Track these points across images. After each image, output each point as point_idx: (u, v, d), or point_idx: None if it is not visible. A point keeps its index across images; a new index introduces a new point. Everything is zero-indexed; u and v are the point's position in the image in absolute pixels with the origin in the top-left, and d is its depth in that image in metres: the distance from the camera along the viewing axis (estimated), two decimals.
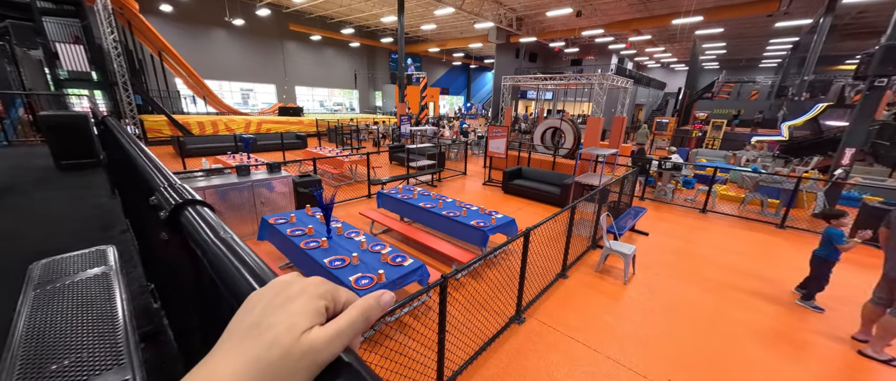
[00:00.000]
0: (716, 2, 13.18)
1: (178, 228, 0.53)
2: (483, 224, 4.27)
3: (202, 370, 0.23)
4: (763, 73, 28.82)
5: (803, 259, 3.93)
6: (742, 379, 2.82)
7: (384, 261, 3.22)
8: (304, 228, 3.81)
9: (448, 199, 5.35)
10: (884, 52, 5.69)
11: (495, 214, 4.70)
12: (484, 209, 4.88)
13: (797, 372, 2.93)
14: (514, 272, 3.42)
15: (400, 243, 5.07)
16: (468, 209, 4.87)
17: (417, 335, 2.89)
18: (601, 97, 9.81)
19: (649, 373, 2.83)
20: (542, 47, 25.07)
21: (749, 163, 11.22)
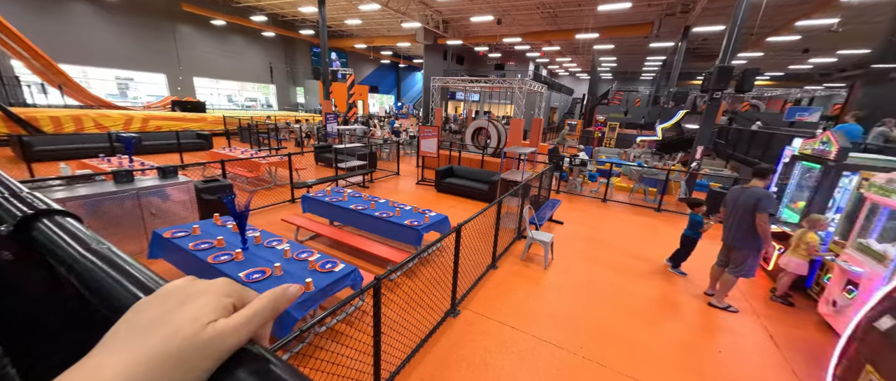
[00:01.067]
0: (607, 22, 15.51)
1: (30, 244, 0.43)
2: (417, 223, 4.31)
3: (82, 367, 0.20)
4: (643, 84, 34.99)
5: (675, 236, 4.91)
6: (637, 337, 3.41)
7: (312, 269, 3.01)
8: (212, 240, 3.33)
9: (381, 200, 5.25)
10: (718, 72, 7.42)
11: (429, 212, 4.77)
12: (418, 208, 4.91)
13: (672, 324, 3.66)
14: (449, 268, 3.53)
15: (330, 249, 4.79)
16: (402, 209, 4.85)
17: (353, 341, 2.79)
18: (521, 100, 10.71)
19: (566, 344, 3.22)
20: (468, 51, 26.22)
21: (635, 159, 13.51)
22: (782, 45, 17.63)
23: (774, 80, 28.28)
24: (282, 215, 5.13)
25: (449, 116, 27.77)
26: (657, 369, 3.01)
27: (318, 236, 5.15)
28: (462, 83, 12.95)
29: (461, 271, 3.63)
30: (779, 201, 5.38)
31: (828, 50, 18.24)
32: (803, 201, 4.91)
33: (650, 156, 14.15)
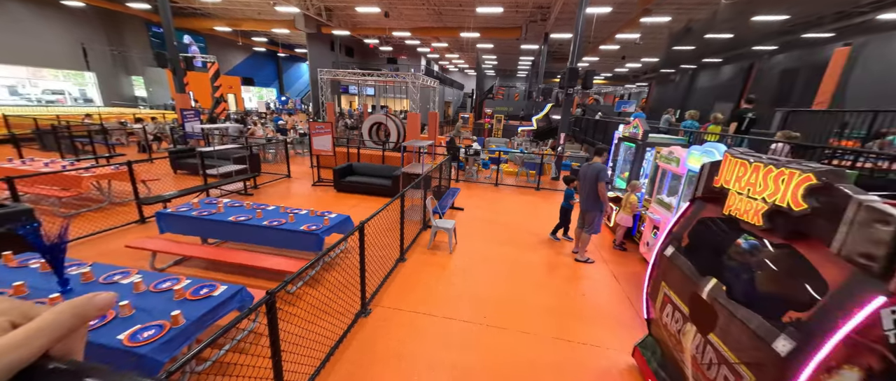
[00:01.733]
0: (485, 24, 17.13)
1: None
2: (316, 227, 3.99)
3: None
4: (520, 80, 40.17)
5: (552, 209, 5.88)
6: (529, 297, 4.00)
7: (180, 299, 2.48)
8: (5, 289, 2.37)
9: (269, 207, 4.64)
10: (568, 72, 9.12)
11: (329, 214, 4.47)
12: (315, 211, 4.54)
13: (552, 281, 4.43)
14: (356, 268, 3.41)
15: (206, 272, 4.00)
16: (297, 215, 4.40)
17: (249, 370, 2.43)
18: (416, 95, 10.94)
19: (473, 318, 3.54)
20: (358, 43, 25.08)
21: (518, 146, 15.52)
22: (609, 52, 22.78)
23: (607, 79, 36.40)
24: (126, 241, 3.99)
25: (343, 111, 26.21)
26: (544, 318, 3.61)
27: (186, 259, 4.23)
28: (354, 77, 12.38)
29: (369, 269, 3.55)
30: (613, 172, 7.04)
31: (636, 57, 24.48)
32: (627, 172, 6.56)
33: (529, 143, 16.47)
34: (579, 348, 3.23)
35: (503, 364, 2.97)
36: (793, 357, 1.48)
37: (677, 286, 2.44)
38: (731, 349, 1.84)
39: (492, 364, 2.96)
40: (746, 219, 1.94)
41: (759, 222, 1.83)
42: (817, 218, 1.56)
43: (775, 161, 1.77)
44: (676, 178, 4.61)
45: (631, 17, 13.60)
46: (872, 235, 1.33)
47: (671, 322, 2.46)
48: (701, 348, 2.08)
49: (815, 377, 1.41)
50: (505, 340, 3.27)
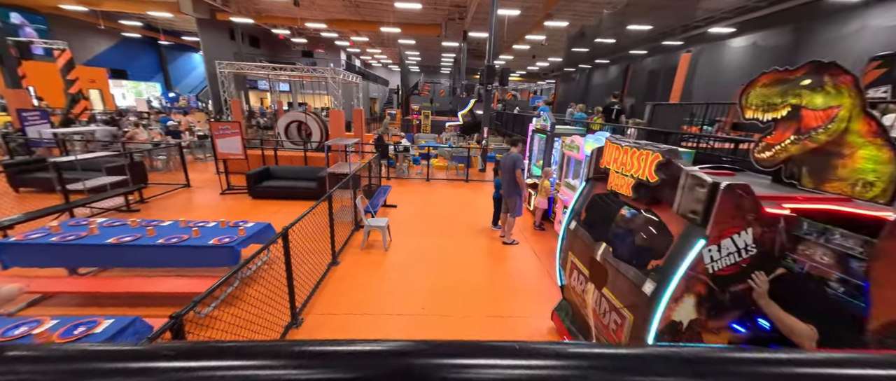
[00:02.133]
0: (405, 19, 17.09)
1: None
2: (229, 239, 3.57)
3: None
4: (444, 76, 41.14)
5: (482, 200, 6.27)
6: (466, 283, 4.24)
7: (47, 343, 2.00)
8: None
9: (164, 223, 3.97)
10: (487, 70, 9.75)
11: (244, 224, 4.03)
12: (227, 222, 4.05)
13: (486, 263, 4.78)
14: (282, 279, 3.18)
15: (83, 308, 3.27)
16: (203, 228, 3.87)
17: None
18: (337, 91, 10.40)
19: (411, 311, 3.63)
20: (265, 33, 22.55)
21: (447, 141, 15.99)
22: (521, 51, 24.89)
23: (522, 76, 39.70)
24: None
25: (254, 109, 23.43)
26: (479, 300, 3.89)
27: (49, 298, 3.37)
28: (263, 71, 11.15)
29: (298, 277, 3.35)
30: (529, 161, 7.81)
31: (544, 57, 27.26)
32: (541, 160, 7.37)
33: (456, 138, 17.09)
34: (509, 321, 3.59)
35: None
36: (655, 295, 1.93)
37: (580, 253, 2.89)
38: (617, 297, 2.29)
39: None
40: (622, 192, 2.42)
41: (629, 193, 2.30)
42: (665, 186, 2.04)
43: (637, 144, 2.25)
44: (578, 163, 5.38)
45: (537, 20, 15.08)
46: (695, 195, 1.81)
47: (577, 285, 2.92)
48: (598, 301, 2.53)
49: (669, 307, 1.87)
50: (444, 326, 3.44)
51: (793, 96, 2.26)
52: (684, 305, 1.86)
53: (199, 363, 0.27)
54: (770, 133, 2.47)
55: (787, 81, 2.28)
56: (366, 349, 0.29)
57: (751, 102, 2.52)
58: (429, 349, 0.29)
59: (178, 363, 0.27)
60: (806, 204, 1.97)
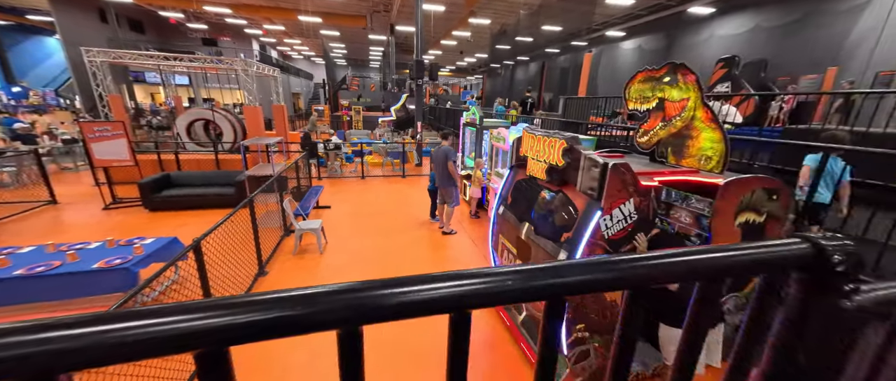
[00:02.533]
0: (326, 9, 16.05)
1: None
2: (122, 260, 3.02)
3: None
4: (374, 70, 39.83)
5: (420, 194, 6.32)
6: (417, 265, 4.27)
7: None
8: None
9: (22, 249, 3.17)
10: (416, 65, 9.78)
11: (141, 240, 3.45)
12: (117, 241, 3.41)
13: (426, 255, 4.89)
14: (197, 298, 2.82)
15: None
16: (84, 250, 3.20)
17: None
18: (251, 85, 9.35)
19: None
20: (151, 16, 18.94)
21: (380, 137, 15.64)
22: (449, 47, 25.44)
23: (452, 71, 40.62)
24: None
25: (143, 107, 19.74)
26: None
27: None
28: (152, 60, 9.42)
29: (217, 293, 3.00)
30: (462, 153, 8.15)
31: (471, 53, 28.30)
32: (473, 152, 7.74)
33: (391, 133, 16.82)
34: None
35: (385, 349, 3.15)
36: None
37: (508, 235, 3.18)
38: None
39: (376, 350, 3.10)
40: (538, 176, 2.72)
41: (543, 177, 2.60)
42: (570, 169, 2.37)
43: (547, 133, 2.55)
44: (505, 153, 5.80)
45: (461, 17, 15.56)
46: (591, 175, 2.15)
47: (508, 263, 3.20)
48: None
49: None
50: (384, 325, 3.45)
51: (659, 91, 2.80)
52: None
53: (155, 319, 0.29)
54: (646, 121, 3.03)
55: (655, 79, 2.82)
56: (319, 290, 0.34)
57: (631, 96, 3.05)
58: (375, 285, 0.34)
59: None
60: (670, 176, 2.48)
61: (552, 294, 0.39)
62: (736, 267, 0.41)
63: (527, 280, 0.37)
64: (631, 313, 0.44)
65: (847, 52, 9.31)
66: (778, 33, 10.88)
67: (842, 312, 0.38)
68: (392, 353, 3.01)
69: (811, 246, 0.38)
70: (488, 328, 3.36)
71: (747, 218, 2.37)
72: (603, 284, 0.40)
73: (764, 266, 0.41)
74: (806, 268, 0.39)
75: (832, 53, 9.52)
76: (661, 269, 0.40)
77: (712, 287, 0.44)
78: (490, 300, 0.37)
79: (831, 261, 0.37)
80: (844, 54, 9.36)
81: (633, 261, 0.41)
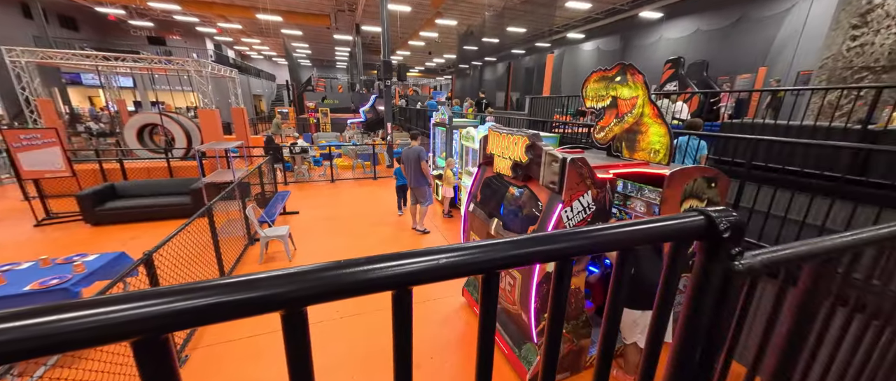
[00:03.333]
0: (286, 7, 15.44)
1: None
2: (59, 280, 2.74)
3: None
4: (341, 72, 38.81)
5: (392, 195, 6.26)
6: None
7: None
8: None
9: None
10: (384, 65, 9.68)
11: (82, 257, 3.14)
12: (52, 259, 3.09)
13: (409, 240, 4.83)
14: None
15: None
16: (10, 272, 2.86)
17: None
18: (205, 86, 8.79)
19: (325, 317, 3.47)
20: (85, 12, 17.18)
21: (350, 139, 15.29)
22: (417, 47, 25.40)
23: (421, 72, 40.56)
24: None
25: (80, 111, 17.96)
26: None
27: None
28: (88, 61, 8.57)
29: None
30: (433, 153, 8.18)
31: (440, 53, 28.43)
32: (444, 151, 7.80)
33: (361, 135, 16.50)
34: (426, 304, 3.78)
35: (361, 348, 3.11)
36: None
37: (478, 231, 3.25)
38: None
39: (351, 354, 3.05)
40: (505, 172, 2.82)
41: (509, 173, 2.70)
42: (533, 164, 2.48)
43: (511, 131, 2.65)
44: (475, 152, 5.91)
45: (428, 18, 15.60)
46: (552, 169, 2.26)
47: None
48: None
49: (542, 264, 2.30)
50: (361, 325, 3.40)
51: (612, 90, 3.00)
52: None
53: (138, 303, 0.29)
54: (602, 118, 3.23)
55: (608, 78, 3.02)
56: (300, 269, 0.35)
57: (588, 94, 3.24)
58: (317, 268, 0.37)
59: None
60: (624, 169, 2.67)
61: (486, 270, 0.44)
62: (649, 237, 0.48)
63: (463, 257, 0.41)
64: (561, 282, 0.50)
65: (773, 54, 10.45)
66: (716, 37, 11.97)
67: (735, 273, 0.46)
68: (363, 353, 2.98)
69: (704, 218, 0.46)
70: (461, 326, 3.42)
71: (691, 204, 2.60)
72: (537, 256, 0.45)
73: (671, 237, 0.48)
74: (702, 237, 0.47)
75: (762, 55, 10.64)
76: (589, 239, 0.46)
77: (630, 254, 0.50)
78: (428, 277, 0.40)
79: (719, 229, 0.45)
80: (771, 56, 10.49)
81: (564, 236, 0.46)
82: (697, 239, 0.48)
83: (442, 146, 8.17)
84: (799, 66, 9.58)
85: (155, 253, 2.55)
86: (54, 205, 5.82)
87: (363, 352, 3.05)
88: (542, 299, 2.37)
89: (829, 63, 4.74)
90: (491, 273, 0.45)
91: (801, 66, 9.50)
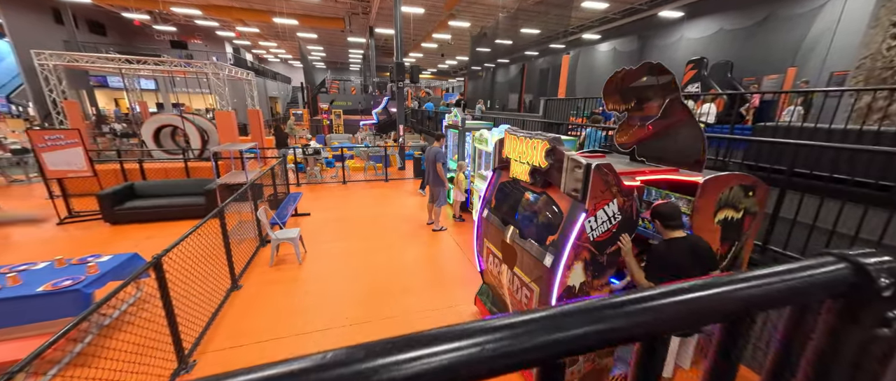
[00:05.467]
0: (302, 10, 15.66)
1: None
2: (72, 281, 2.74)
3: None
4: (354, 73, 39.25)
5: (403, 197, 6.19)
6: (391, 282, 4.14)
7: None
8: None
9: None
10: (396, 67, 9.65)
11: (96, 258, 3.16)
12: (68, 260, 3.11)
13: (408, 259, 4.76)
14: (160, 318, 2.60)
15: None
16: (29, 272, 2.89)
17: None
18: (223, 89, 8.95)
19: (333, 324, 3.39)
20: (113, 17, 17.89)
21: (362, 141, 15.36)
22: (430, 50, 25.42)
23: (433, 74, 40.62)
24: None
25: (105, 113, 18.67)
26: (405, 299, 3.85)
27: None
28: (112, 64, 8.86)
29: (185, 312, 2.79)
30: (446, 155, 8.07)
31: (452, 55, 28.38)
32: (456, 154, 7.68)
33: (373, 137, 16.56)
34: (435, 313, 3.65)
35: None
36: (553, 266, 2.19)
37: (493, 238, 3.11)
38: (525, 273, 2.54)
39: None
40: (522, 178, 2.67)
41: (527, 179, 2.56)
42: (553, 170, 2.33)
43: (529, 134, 2.51)
44: (489, 155, 5.77)
45: (441, 20, 15.55)
46: (575, 176, 2.11)
47: (494, 267, 3.14)
48: (512, 279, 2.77)
49: (564, 275, 2.15)
50: (370, 332, 3.31)
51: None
52: (575, 270, 2.17)
53: None
54: (625, 121, 3.05)
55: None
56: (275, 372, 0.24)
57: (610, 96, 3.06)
58: (354, 354, 0.25)
59: None
60: (651, 176, 2.48)
61: (543, 360, 0.30)
62: (764, 301, 0.34)
63: (502, 343, 0.29)
64: (646, 365, 0.36)
65: (804, 53, 9.92)
66: (741, 36, 11.46)
67: (880, 340, 0.32)
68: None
69: (850, 266, 0.32)
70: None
71: (726, 215, 2.40)
72: (616, 334, 0.31)
73: (794, 297, 0.34)
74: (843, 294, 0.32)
75: (790, 55, 10.12)
76: (675, 312, 0.32)
77: (737, 327, 0.36)
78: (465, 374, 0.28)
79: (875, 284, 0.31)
80: (801, 56, 9.96)
81: (641, 309, 0.32)
82: (834, 297, 0.34)
83: (454, 149, 8.05)
84: (832, 66, 9.06)
85: (165, 256, 2.51)
86: (76, 204, 5.98)
87: None
88: None
89: (867, 63, 4.41)
90: (551, 365, 0.31)
91: (834, 66, 8.98)
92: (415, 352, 0.26)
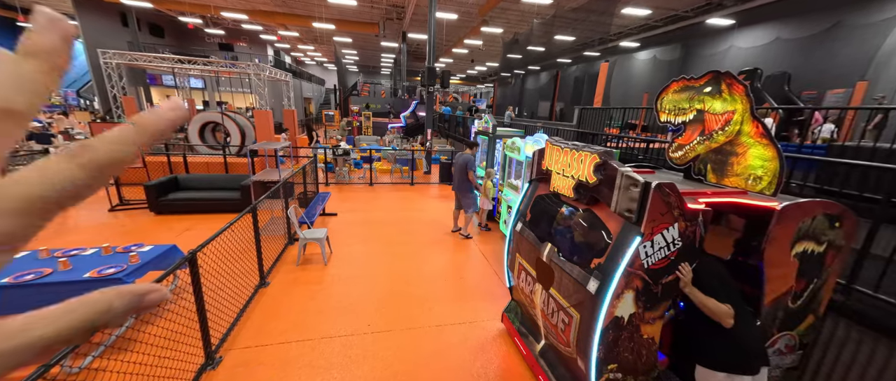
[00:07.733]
0: (339, 16, 16.20)
1: None
2: (115, 270, 2.86)
3: None
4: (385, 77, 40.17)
5: (427, 202, 6.13)
6: (415, 290, 4.04)
7: None
8: None
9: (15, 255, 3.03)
10: (428, 72, 9.67)
11: (140, 248, 3.29)
12: (113, 248, 3.26)
13: (433, 268, 4.64)
14: (192, 311, 2.63)
15: None
16: (78, 257, 3.05)
17: None
18: (263, 89, 9.35)
19: (355, 330, 3.32)
20: (170, 21, 19.41)
21: (390, 143, 15.54)
22: (461, 55, 25.49)
23: (462, 79, 40.75)
24: None
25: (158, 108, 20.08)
26: (428, 309, 3.73)
27: None
28: (166, 64, 9.52)
29: (217, 306, 2.82)
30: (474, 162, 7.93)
31: (482, 61, 28.32)
32: (485, 161, 7.51)
33: (400, 140, 16.73)
34: (460, 327, 3.49)
35: (390, 369, 2.90)
36: (599, 293, 1.98)
37: (526, 255, 2.92)
38: (563, 296, 2.33)
39: (379, 374, 2.85)
40: (564, 193, 2.48)
41: (571, 194, 2.36)
42: (602, 186, 2.13)
43: (576, 146, 2.32)
44: (520, 164, 5.57)
45: (473, 26, 15.52)
46: (630, 194, 1.90)
47: (525, 286, 2.94)
48: (546, 301, 2.57)
49: (612, 304, 1.93)
50: (391, 343, 3.21)
51: (697, 102, 2.55)
52: (625, 300, 1.95)
53: None
54: (681, 134, 2.77)
55: (693, 88, 2.57)
56: None
57: (664, 107, 2.80)
58: None
59: None
60: (715, 198, 2.21)
61: None
62: None
63: None
64: None
65: (878, 66, 8.90)
66: (801, 46, 10.50)
67: None
68: None
69: None
70: (499, 359, 3.08)
71: (805, 247, 2.08)
72: None
73: None
74: None
75: (861, 68, 9.11)
76: None
77: None
78: None
79: None
80: (874, 69, 8.94)
81: None
82: None
83: (482, 155, 7.89)
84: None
85: (200, 251, 2.55)
86: (127, 193, 6.40)
87: (383, 372, 2.83)
88: (608, 348, 1.99)
89: None
90: None
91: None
92: None
